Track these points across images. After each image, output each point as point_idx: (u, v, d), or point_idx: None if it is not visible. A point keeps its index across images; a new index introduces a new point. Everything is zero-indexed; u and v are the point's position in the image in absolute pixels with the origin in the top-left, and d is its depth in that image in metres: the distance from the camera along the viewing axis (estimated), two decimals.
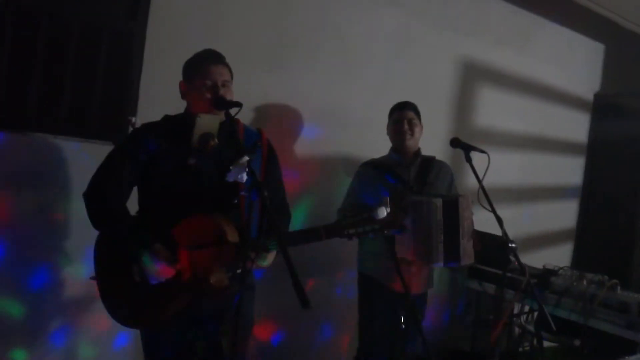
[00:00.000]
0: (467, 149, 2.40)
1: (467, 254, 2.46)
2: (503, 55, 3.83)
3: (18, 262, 2.23)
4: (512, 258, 2.30)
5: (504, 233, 2.26)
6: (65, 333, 2.37)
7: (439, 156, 2.81)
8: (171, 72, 2.04)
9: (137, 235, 1.79)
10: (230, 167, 1.60)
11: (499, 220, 2.25)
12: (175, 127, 1.90)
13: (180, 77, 1.96)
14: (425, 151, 2.76)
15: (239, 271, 1.75)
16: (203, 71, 1.87)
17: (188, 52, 1.98)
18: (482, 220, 2.54)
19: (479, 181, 2.28)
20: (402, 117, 2.62)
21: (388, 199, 1.72)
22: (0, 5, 2.11)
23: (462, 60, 3.64)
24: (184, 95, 1.95)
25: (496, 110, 3.85)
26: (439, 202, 2.41)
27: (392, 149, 2.69)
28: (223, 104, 1.79)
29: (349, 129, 3.09)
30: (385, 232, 1.70)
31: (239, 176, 1.62)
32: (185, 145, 1.82)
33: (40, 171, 2.26)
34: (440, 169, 2.71)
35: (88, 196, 1.88)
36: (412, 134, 2.62)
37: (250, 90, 2.67)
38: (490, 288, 3.66)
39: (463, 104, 3.70)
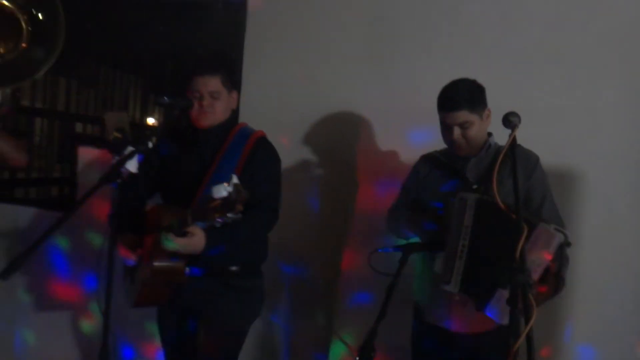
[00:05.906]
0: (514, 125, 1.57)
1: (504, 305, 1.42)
2: None
3: None
4: None
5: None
6: None
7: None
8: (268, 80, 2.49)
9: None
10: (116, 157, 1.66)
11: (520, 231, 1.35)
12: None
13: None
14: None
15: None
16: (191, 84, 1.97)
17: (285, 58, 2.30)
18: None
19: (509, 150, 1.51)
20: (451, 121, 1.86)
21: (234, 176, 1.54)
22: None
23: None
24: None
25: None
26: (470, 199, 1.69)
27: None
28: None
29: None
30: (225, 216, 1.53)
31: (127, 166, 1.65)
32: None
33: None
34: (519, 162, 1.80)
35: None
36: (468, 142, 1.88)
37: (347, 89, 2.51)
38: None
39: None
